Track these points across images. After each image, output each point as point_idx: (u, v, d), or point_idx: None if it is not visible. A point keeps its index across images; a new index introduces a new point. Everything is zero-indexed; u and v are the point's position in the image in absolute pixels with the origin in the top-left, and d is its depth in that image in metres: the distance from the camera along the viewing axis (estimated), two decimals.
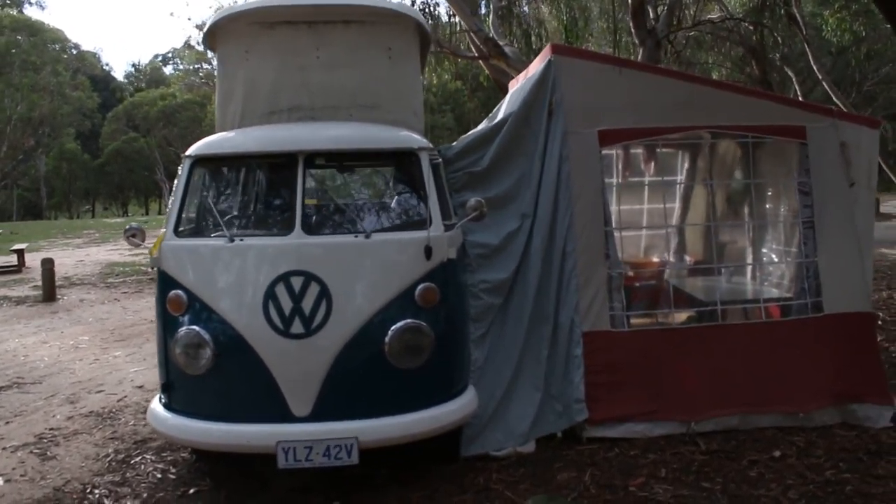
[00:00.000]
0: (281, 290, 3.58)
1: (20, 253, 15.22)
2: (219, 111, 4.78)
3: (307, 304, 3.58)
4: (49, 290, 10.85)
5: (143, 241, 3.91)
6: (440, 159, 4.35)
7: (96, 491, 3.89)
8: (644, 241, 6.15)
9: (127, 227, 3.94)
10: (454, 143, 4.59)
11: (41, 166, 47.98)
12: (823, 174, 4.72)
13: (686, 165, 5.94)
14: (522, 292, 4.45)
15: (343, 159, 4.24)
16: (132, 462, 4.29)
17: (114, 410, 5.32)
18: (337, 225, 3.97)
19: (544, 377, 4.39)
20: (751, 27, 13.90)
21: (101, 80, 53.30)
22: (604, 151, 4.64)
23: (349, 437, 3.53)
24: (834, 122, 4.76)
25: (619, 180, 5.70)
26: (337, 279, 3.65)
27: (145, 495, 3.83)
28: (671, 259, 5.98)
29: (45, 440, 4.68)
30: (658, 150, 5.33)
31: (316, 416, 3.60)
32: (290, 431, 3.54)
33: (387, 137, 4.14)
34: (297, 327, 3.56)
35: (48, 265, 10.97)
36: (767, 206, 5.24)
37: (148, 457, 4.34)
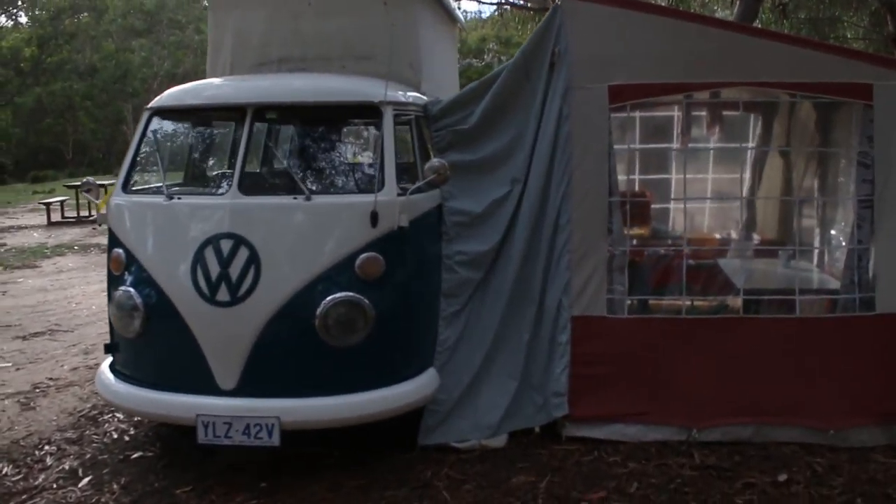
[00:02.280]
0: (210, 254, 3.33)
1: None
2: (209, 62, 4.57)
3: (234, 270, 3.30)
4: None
5: (98, 197, 3.78)
6: (416, 115, 3.92)
7: (47, 447, 3.87)
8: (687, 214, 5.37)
9: (83, 180, 3.83)
10: (443, 98, 4.13)
11: None
12: (891, 143, 3.84)
13: (719, 130, 5.10)
14: (505, 267, 3.95)
15: (297, 113, 3.90)
16: (100, 419, 4.25)
17: None
18: (278, 186, 3.67)
19: (523, 365, 3.89)
20: None
21: None
22: (624, 114, 4.00)
23: (270, 416, 3.25)
24: None
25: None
26: (269, 244, 3.34)
27: (88, 455, 3.76)
28: (730, 235, 5.21)
29: (37, 390, 4.77)
30: (694, 111, 4.59)
31: (240, 391, 3.34)
32: (211, 405, 3.31)
33: (346, 89, 3.75)
34: (223, 294, 3.30)
35: None
36: (818, 180, 4.38)
37: (118, 416, 4.29)
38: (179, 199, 3.50)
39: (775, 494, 3.22)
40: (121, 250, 3.58)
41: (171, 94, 3.86)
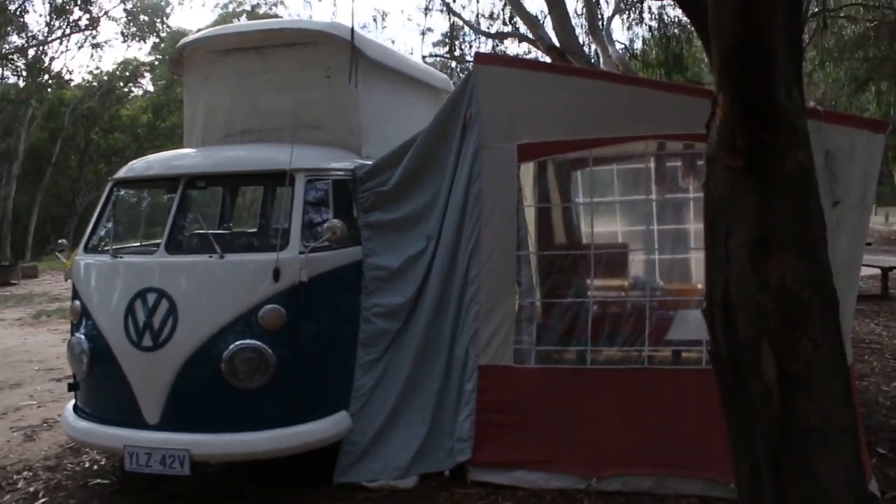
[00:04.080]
0: (138, 305, 3.82)
1: None
2: (185, 135, 5.20)
3: (157, 320, 3.78)
4: None
5: (67, 256, 4.40)
6: (343, 178, 4.31)
7: (25, 472, 4.45)
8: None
9: (59, 241, 4.47)
10: (370, 162, 4.51)
11: None
12: None
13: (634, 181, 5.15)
14: (419, 318, 4.22)
15: (221, 182, 4.39)
16: (82, 451, 4.79)
17: None
18: (199, 245, 4.13)
19: (433, 411, 4.11)
20: None
21: None
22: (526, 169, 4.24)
23: (182, 448, 3.65)
24: (818, 126, 3.83)
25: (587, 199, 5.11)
26: (185, 297, 3.80)
27: (54, 481, 4.30)
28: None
29: (45, 424, 5.43)
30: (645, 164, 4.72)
31: (161, 425, 3.77)
32: (135, 437, 3.76)
33: (262, 159, 4.22)
34: (147, 340, 3.78)
35: None
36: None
37: (72, 459, 4.73)
38: (121, 258, 4.05)
39: None
40: (78, 302, 4.15)
41: (130, 167, 4.47)
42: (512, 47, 15.18)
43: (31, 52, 23.49)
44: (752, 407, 2.19)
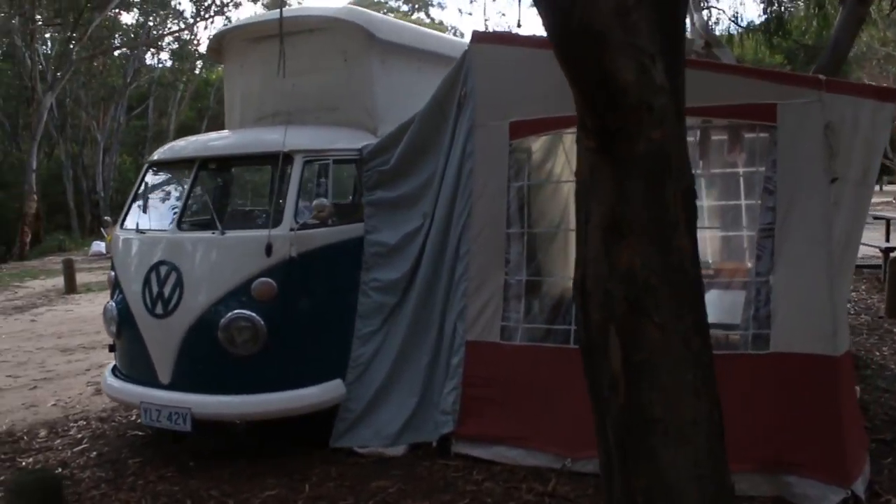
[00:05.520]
0: (153, 277, 4.23)
1: None
2: (227, 118, 5.58)
3: (167, 290, 4.16)
4: None
5: (110, 233, 4.91)
6: (349, 158, 4.49)
7: (81, 422, 5.05)
8: None
9: (105, 218, 4.99)
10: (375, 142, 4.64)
11: None
12: (796, 166, 3.56)
13: None
14: (413, 294, 4.34)
15: (230, 163, 4.69)
16: (105, 417, 5.25)
17: None
18: (206, 222, 4.44)
19: (423, 383, 4.24)
20: None
21: None
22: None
23: (184, 407, 4.03)
24: (820, 97, 3.53)
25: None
26: (191, 270, 4.16)
27: (101, 430, 4.86)
28: None
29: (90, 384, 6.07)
30: None
31: (171, 385, 4.17)
32: (149, 395, 4.18)
33: (263, 142, 4.45)
34: (159, 308, 4.18)
35: None
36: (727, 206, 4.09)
37: (122, 412, 5.26)
38: (144, 233, 4.48)
39: None
40: (113, 272, 4.64)
41: (162, 150, 4.89)
42: None
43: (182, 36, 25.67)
44: (603, 394, 2.15)
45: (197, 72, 29.00)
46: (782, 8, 9.69)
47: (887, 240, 10.22)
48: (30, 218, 19.63)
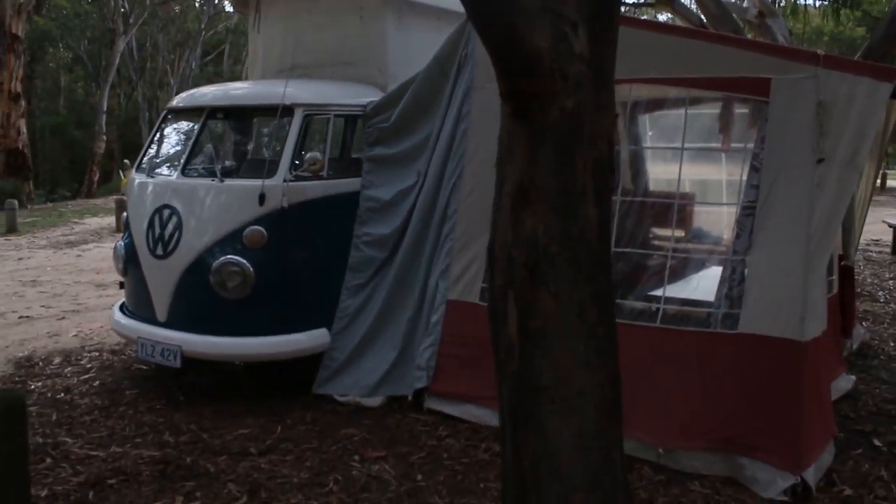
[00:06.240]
0: (156, 219, 4.43)
1: None
2: (249, 69, 5.70)
3: (167, 233, 4.36)
4: None
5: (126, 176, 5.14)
6: (351, 114, 4.56)
7: (94, 353, 5.37)
8: None
9: (124, 160, 5.22)
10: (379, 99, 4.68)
11: None
12: (784, 145, 3.43)
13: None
14: (402, 250, 4.42)
15: (235, 114, 4.81)
16: (118, 350, 5.53)
17: None
18: (208, 170, 4.59)
19: (403, 338, 4.34)
20: None
21: None
22: None
23: (175, 344, 4.25)
24: (815, 73, 3.37)
25: None
26: (190, 215, 4.34)
27: (110, 362, 5.16)
28: None
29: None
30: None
31: (166, 323, 4.39)
32: (146, 331, 4.42)
33: (266, 94, 4.54)
34: (159, 250, 4.38)
35: None
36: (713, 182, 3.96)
37: (133, 347, 5.51)
38: (152, 177, 4.67)
39: None
40: (125, 214, 4.88)
41: (179, 97, 5.05)
42: None
43: None
44: (500, 358, 2.19)
45: None
46: None
47: None
48: (98, 157, 20.59)
